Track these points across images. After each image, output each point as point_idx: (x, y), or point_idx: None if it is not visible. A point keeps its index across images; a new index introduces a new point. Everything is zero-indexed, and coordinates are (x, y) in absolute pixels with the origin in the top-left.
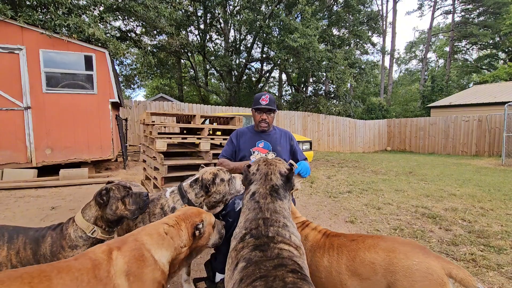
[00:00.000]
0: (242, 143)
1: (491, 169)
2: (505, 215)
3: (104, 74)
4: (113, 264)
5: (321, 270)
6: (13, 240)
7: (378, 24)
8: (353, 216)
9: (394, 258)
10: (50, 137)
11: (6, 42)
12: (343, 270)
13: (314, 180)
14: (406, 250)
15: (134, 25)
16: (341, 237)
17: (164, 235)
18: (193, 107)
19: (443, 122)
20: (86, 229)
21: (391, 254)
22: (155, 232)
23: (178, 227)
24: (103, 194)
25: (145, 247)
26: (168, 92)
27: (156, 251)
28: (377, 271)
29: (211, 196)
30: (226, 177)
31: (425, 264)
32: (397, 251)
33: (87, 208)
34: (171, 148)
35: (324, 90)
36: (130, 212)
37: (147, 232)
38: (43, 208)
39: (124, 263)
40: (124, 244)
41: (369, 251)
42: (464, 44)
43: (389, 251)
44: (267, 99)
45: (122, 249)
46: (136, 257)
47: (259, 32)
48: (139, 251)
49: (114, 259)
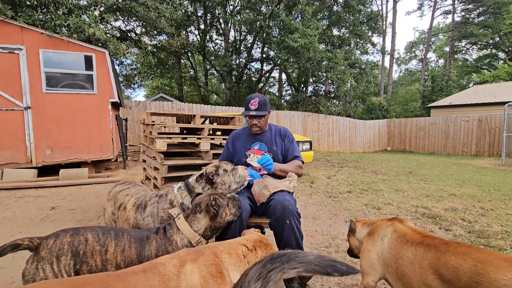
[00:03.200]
0: (238, 146)
1: (491, 169)
2: (505, 215)
3: (104, 74)
4: (185, 279)
5: (404, 259)
6: (119, 237)
7: (378, 24)
8: (353, 216)
9: (482, 269)
10: (50, 137)
11: (6, 42)
12: (425, 266)
13: (314, 180)
14: (500, 264)
15: (134, 25)
16: (436, 239)
17: (242, 257)
18: (193, 107)
19: (443, 122)
20: (193, 239)
21: (480, 265)
22: (234, 253)
23: (256, 254)
24: (214, 205)
25: (223, 265)
26: (168, 92)
27: (233, 272)
28: (460, 277)
29: (217, 188)
30: (228, 168)
31: None
32: (489, 263)
33: (195, 220)
34: (171, 148)
35: (324, 90)
36: (233, 215)
37: (227, 251)
38: (43, 208)
39: (200, 277)
40: (200, 256)
41: (456, 256)
42: (464, 44)
43: (479, 261)
44: (256, 103)
45: (198, 262)
46: (213, 274)
47: (259, 32)
48: (218, 268)
49: (188, 273)
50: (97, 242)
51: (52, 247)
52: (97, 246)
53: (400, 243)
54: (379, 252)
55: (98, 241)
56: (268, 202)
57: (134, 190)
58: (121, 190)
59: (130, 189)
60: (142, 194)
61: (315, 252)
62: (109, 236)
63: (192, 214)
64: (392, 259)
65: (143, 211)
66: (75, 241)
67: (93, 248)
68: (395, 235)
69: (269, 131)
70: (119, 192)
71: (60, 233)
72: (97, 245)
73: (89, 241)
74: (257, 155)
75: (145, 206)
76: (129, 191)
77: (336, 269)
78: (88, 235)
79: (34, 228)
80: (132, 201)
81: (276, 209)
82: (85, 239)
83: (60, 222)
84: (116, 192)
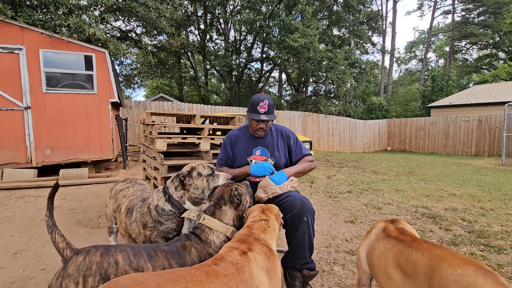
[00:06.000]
0: (238, 150)
1: (491, 169)
2: (505, 215)
3: (104, 74)
4: (254, 264)
5: (376, 251)
6: (153, 256)
7: (378, 24)
8: (353, 216)
9: (437, 265)
10: (50, 137)
11: (6, 42)
12: (390, 258)
13: (314, 180)
14: (454, 261)
15: (135, 25)
16: (409, 236)
17: (269, 228)
18: (193, 107)
19: (443, 122)
20: (227, 232)
21: (436, 261)
22: (263, 228)
23: (273, 220)
24: (237, 195)
25: (268, 243)
26: (168, 92)
27: (272, 244)
28: (417, 271)
29: (189, 190)
30: (204, 172)
31: (467, 278)
32: (444, 260)
33: (223, 214)
34: (171, 148)
35: (324, 90)
36: (250, 203)
37: (260, 230)
38: (43, 208)
39: (262, 261)
40: (251, 244)
41: (417, 252)
42: (464, 44)
43: (436, 258)
44: (266, 106)
45: (254, 249)
46: (267, 254)
47: (259, 32)
48: (267, 247)
49: (253, 259)
50: (129, 265)
51: (81, 265)
52: (130, 270)
53: (378, 237)
54: (366, 247)
55: (130, 264)
56: (283, 199)
57: (132, 191)
58: (121, 189)
59: (129, 189)
60: (136, 196)
61: None
62: (142, 258)
63: (217, 209)
64: (370, 251)
65: (131, 216)
66: (105, 262)
67: (126, 273)
68: (380, 231)
69: (270, 132)
70: (119, 192)
71: (91, 250)
72: (129, 269)
73: (120, 265)
74: (258, 161)
75: (132, 211)
76: (128, 192)
77: None
78: (118, 256)
79: (34, 228)
80: (125, 204)
81: (294, 206)
82: (115, 261)
83: (60, 222)
84: (117, 191)
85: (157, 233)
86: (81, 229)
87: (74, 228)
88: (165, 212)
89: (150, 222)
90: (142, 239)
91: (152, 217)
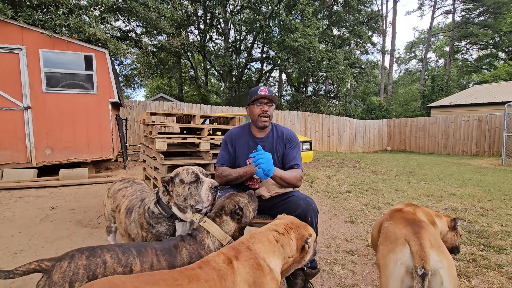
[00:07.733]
0: (239, 149)
1: (491, 169)
2: (505, 215)
3: (104, 74)
4: (238, 275)
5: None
6: (143, 253)
7: (378, 24)
8: (353, 216)
9: (385, 219)
10: (50, 137)
11: (6, 42)
12: (378, 225)
13: (314, 180)
14: (396, 217)
15: (135, 25)
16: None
17: (275, 242)
18: (193, 107)
19: (443, 122)
20: (224, 241)
21: (385, 217)
22: (266, 239)
23: (288, 236)
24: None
25: (260, 256)
26: (168, 92)
27: (270, 259)
28: (379, 230)
29: (173, 197)
30: (186, 179)
31: (393, 226)
32: (390, 217)
33: (224, 222)
34: (171, 148)
35: (324, 90)
36: (254, 212)
37: (258, 240)
38: (43, 208)
39: (246, 273)
40: (239, 253)
41: (388, 220)
42: (464, 44)
43: (387, 219)
44: (266, 90)
45: (240, 259)
46: (254, 267)
47: (259, 32)
48: (256, 260)
49: (236, 269)
50: (117, 263)
51: (66, 271)
52: (119, 267)
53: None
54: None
55: (118, 262)
56: (287, 198)
57: (131, 191)
58: (120, 189)
59: (128, 188)
60: (136, 196)
61: None
62: (131, 254)
63: (217, 217)
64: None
65: (130, 216)
66: (92, 264)
67: (114, 271)
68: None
69: (271, 132)
70: (117, 192)
71: (75, 254)
72: (118, 267)
73: (108, 263)
74: None
75: (132, 211)
76: (126, 191)
77: None
78: (106, 256)
79: (34, 228)
80: (125, 204)
81: (298, 206)
82: (103, 261)
83: (60, 222)
84: (115, 191)
85: (151, 235)
86: (81, 229)
87: (74, 228)
88: (155, 215)
89: (145, 223)
90: (140, 240)
91: (146, 218)
